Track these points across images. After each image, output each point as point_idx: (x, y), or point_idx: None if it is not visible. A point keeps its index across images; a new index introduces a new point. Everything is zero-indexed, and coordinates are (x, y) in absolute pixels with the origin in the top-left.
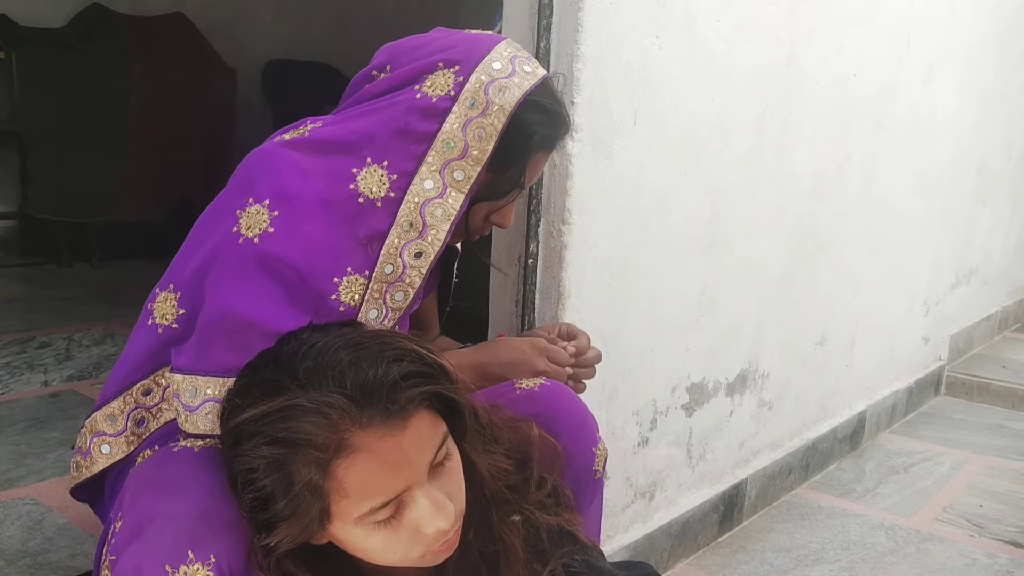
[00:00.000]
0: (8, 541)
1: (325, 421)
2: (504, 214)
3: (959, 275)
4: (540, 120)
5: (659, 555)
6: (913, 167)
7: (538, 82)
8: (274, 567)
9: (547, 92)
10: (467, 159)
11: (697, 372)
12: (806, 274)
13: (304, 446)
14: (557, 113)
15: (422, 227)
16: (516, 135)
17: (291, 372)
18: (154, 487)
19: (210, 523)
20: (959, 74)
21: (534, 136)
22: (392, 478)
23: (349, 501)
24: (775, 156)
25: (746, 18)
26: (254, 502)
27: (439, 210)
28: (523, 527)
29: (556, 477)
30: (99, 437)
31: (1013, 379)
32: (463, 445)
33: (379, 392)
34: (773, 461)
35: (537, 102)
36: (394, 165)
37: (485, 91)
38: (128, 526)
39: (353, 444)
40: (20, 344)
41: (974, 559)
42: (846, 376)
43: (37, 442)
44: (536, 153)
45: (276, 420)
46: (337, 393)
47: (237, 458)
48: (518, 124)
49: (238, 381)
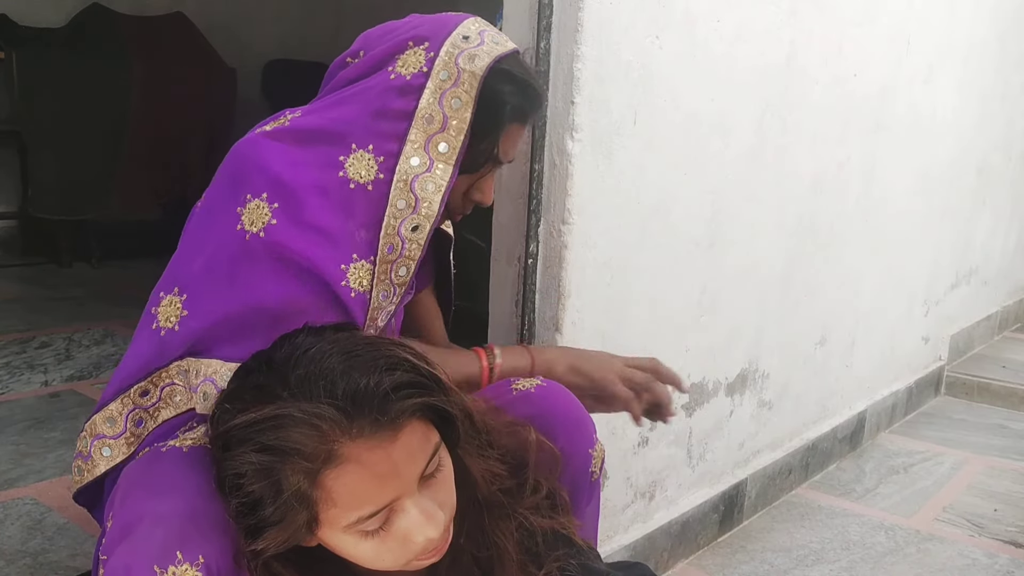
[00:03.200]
0: (8, 541)
1: (315, 431)
2: (483, 190)
3: (959, 275)
4: (512, 91)
5: (659, 555)
6: (913, 167)
7: (508, 52)
8: (262, 569)
9: (518, 63)
10: (448, 130)
11: (697, 372)
12: (806, 274)
13: (293, 455)
14: (528, 84)
15: (415, 202)
16: (489, 105)
17: (283, 378)
18: (143, 487)
19: (198, 524)
20: (959, 74)
21: (506, 106)
22: (381, 489)
23: (337, 510)
24: (775, 156)
25: (746, 18)
26: (241, 507)
27: (430, 184)
28: (518, 531)
29: (553, 480)
30: (99, 440)
31: (1013, 379)
32: (456, 451)
33: (370, 403)
34: (773, 461)
35: (508, 71)
36: (379, 147)
37: (456, 61)
38: (118, 526)
39: (342, 455)
40: (20, 344)
41: (974, 559)
42: (846, 376)
43: (37, 442)
44: (509, 124)
45: (266, 428)
46: (328, 403)
47: (226, 462)
48: (490, 94)
49: (230, 384)
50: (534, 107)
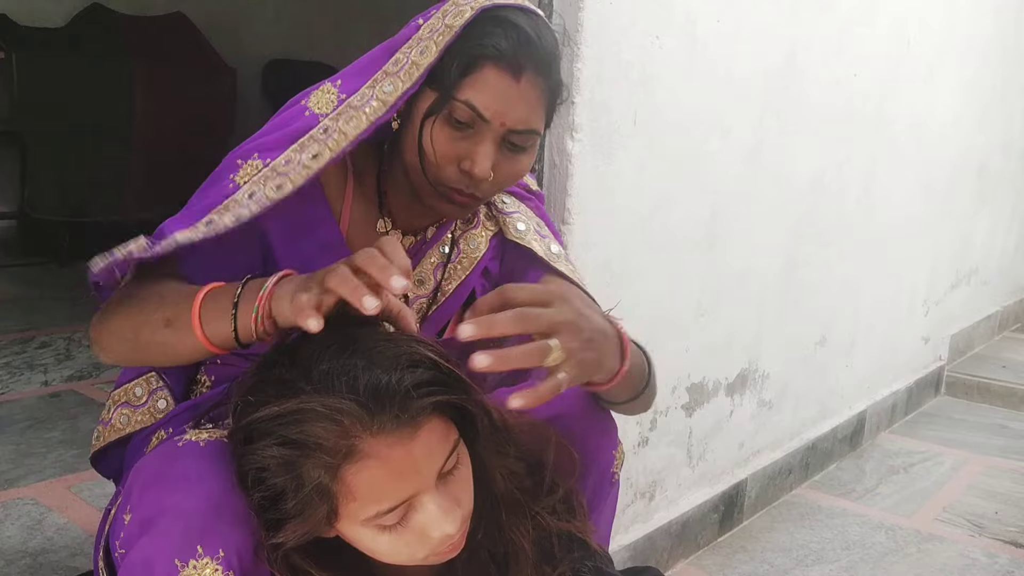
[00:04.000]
0: (8, 541)
1: (336, 427)
2: (472, 157)
3: (959, 275)
4: (493, 31)
5: (659, 555)
6: (913, 167)
7: (511, 3)
8: (281, 562)
9: (520, 11)
10: (400, 74)
11: (697, 372)
12: (806, 274)
13: (315, 449)
14: (515, 25)
15: (332, 132)
16: (463, 43)
17: (305, 373)
18: (162, 482)
19: (219, 517)
20: (959, 74)
21: (478, 45)
22: (400, 484)
23: (357, 504)
24: (775, 156)
25: (746, 18)
26: (263, 500)
27: (354, 120)
28: (533, 530)
29: (571, 482)
30: (123, 407)
31: (1013, 379)
32: (475, 448)
33: (391, 400)
34: (773, 461)
35: (497, 15)
36: (346, 85)
37: (444, 16)
38: (137, 520)
39: (363, 450)
40: (20, 344)
41: (974, 559)
42: (846, 376)
43: (37, 442)
44: (482, 65)
45: (288, 422)
46: (350, 399)
47: (248, 456)
48: (468, 34)
49: (251, 377)
50: (516, 50)
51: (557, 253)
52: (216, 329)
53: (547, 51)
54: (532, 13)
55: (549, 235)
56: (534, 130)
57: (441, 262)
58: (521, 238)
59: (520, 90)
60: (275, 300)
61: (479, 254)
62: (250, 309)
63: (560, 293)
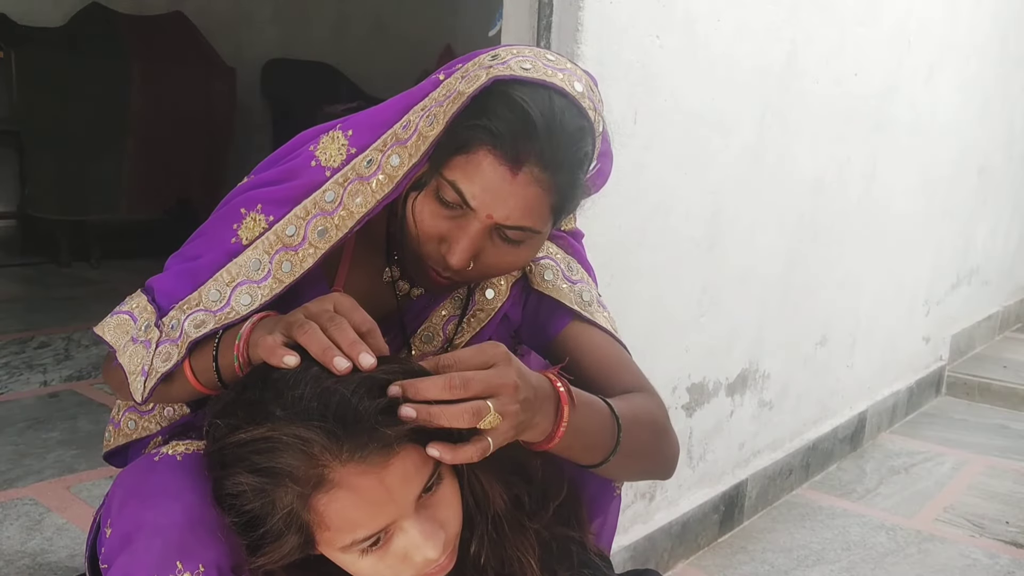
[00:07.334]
0: (8, 541)
1: (304, 455)
2: (449, 240)
3: (960, 275)
4: (497, 109)
5: (659, 555)
6: (914, 167)
7: (517, 76)
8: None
9: (542, 88)
10: (408, 144)
11: (697, 372)
12: (807, 274)
13: (285, 478)
14: (526, 110)
15: (338, 204)
16: (467, 115)
17: (277, 397)
18: (139, 496)
19: (197, 532)
20: (960, 74)
21: (480, 119)
22: (374, 514)
23: (331, 533)
24: (775, 156)
25: (746, 18)
26: (237, 525)
27: (359, 197)
28: (536, 544)
29: (567, 491)
30: (131, 412)
31: (1014, 379)
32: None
33: (359, 427)
34: (773, 461)
35: (509, 91)
36: (356, 138)
37: (460, 79)
38: (117, 535)
39: (333, 480)
40: (19, 344)
41: (975, 559)
42: (847, 376)
43: (36, 442)
44: (477, 148)
45: (259, 450)
46: (318, 426)
47: (222, 480)
48: (474, 105)
49: (225, 397)
50: (517, 139)
51: (589, 300)
52: (207, 380)
53: (563, 143)
54: (559, 93)
55: (582, 278)
56: (530, 228)
57: (453, 315)
58: (549, 289)
59: (516, 184)
60: (251, 348)
61: (498, 304)
62: (231, 359)
63: (497, 354)
